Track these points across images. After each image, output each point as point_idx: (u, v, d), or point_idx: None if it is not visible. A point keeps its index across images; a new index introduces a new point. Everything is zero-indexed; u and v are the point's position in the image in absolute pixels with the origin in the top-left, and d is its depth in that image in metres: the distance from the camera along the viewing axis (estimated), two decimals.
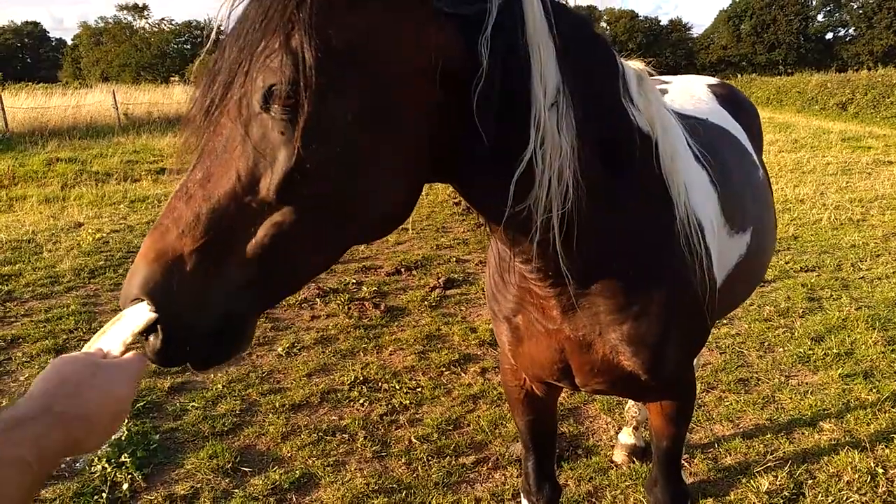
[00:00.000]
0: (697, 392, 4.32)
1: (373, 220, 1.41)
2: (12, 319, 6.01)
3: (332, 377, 4.87)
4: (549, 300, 1.95)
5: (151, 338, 1.25)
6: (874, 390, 4.42)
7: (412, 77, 1.33)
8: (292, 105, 1.21)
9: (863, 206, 9.75)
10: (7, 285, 6.90)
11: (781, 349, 5.12)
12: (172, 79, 61.69)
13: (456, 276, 7.07)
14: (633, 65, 1.88)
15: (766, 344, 5.22)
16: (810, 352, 5.02)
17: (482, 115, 1.41)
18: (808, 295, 6.20)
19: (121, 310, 1.25)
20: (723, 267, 2.30)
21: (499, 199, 1.53)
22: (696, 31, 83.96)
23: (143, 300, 1.21)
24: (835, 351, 5.01)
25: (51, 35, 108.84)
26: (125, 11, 76.42)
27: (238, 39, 1.26)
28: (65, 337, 5.57)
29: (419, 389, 4.66)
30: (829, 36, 76.45)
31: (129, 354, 1.19)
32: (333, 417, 4.32)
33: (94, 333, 4.93)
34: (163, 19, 79.40)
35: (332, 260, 1.44)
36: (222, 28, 1.34)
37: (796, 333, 5.37)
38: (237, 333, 1.31)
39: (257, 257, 1.26)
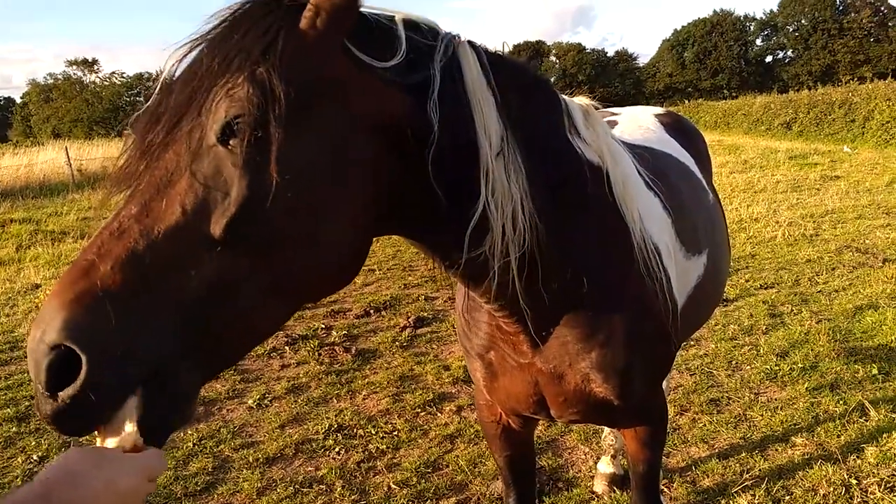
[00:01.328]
0: (671, 415, 4.37)
1: (319, 269, 1.38)
2: None
3: (305, 427, 4.79)
4: (517, 335, 1.98)
5: (65, 391, 1.10)
6: (841, 402, 4.52)
7: (367, 130, 1.39)
8: (254, 138, 1.22)
9: (814, 222, 10.07)
10: None
11: (749, 367, 5.21)
12: (126, 132, 61.11)
13: (426, 314, 7.06)
14: (579, 100, 1.96)
15: (733, 363, 5.31)
16: (777, 368, 5.12)
17: (436, 172, 1.48)
18: (770, 311, 6.35)
19: (28, 356, 1.12)
20: (682, 289, 2.36)
21: (454, 248, 1.59)
22: (642, 60, 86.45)
23: (65, 347, 1.08)
24: (800, 365, 5.12)
25: None
26: (75, 67, 75.76)
27: (189, 82, 1.27)
28: (27, 404, 5.38)
29: (395, 433, 4.61)
30: (769, 59, 79.54)
31: (147, 451, 1.10)
32: (309, 468, 4.24)
33: None
34: (113, 73, 78.62)
35: (277, 318, 1.37)
36: (167, 78, 1.35)
37: (762, 350, 5.48)
38: (174, 395, 1.19)
39: (197, 302, 1.19)
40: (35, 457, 4.51)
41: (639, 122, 3.20)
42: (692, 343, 5.64)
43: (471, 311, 2.14)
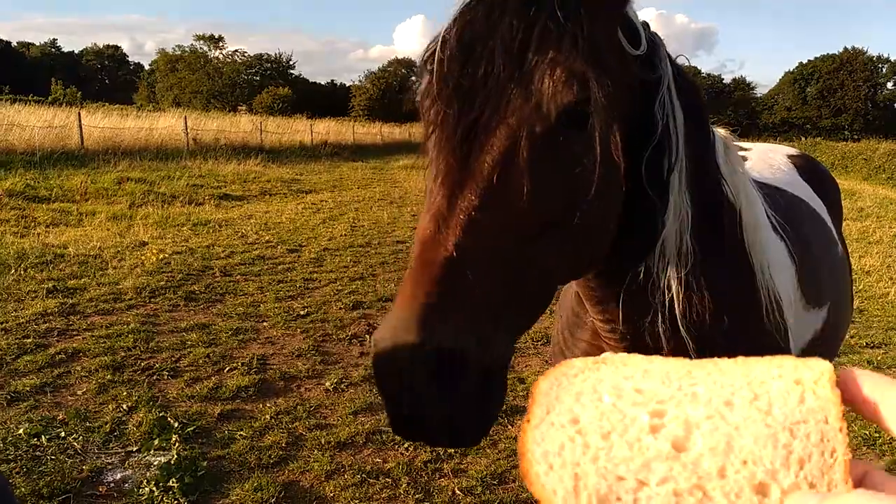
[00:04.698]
0: None
1: (601, 252, 1.39)
2: (74, 333, 6.20)
3: (377, 417, 4.84)
4: None
5: (457, 390, 1.05)
6: None
7: (625, 120, 1.34)
8: (582, 126, 1.20)
9: None
10: (72, 298, 7.15)
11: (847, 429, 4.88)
12: (240, 108, 63.96)
13: None
14: (719, 132, 1.86)
15: None
16: (876, 434, 4.78)
17: (650, 173, 1.42)
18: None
19: (385, 363, 1.03)
20: (796, 341, 2.22)
21: (627, 259, 1.55)
22: (760, 91, 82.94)
23: (438, 349, 1.02)
24: None
25: (130, 59, 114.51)
26: (202, 41, 79.84)
27: (508, 54, 1.18)
28: (123, 354, 5.70)
29: None
30: None
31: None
32: (377, 459, 4.29)
33: (152, 353, 5.02)
34: (236, 51, 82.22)
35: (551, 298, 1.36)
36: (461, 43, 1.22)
37: None
38: (505, 383, 1.17)
39: (528, 287, 1.19)
40: (125, 406, 4.76)
41: (770, 162, 3.04)
42: None
43: (573, 329, 2.08)
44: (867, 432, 4.81)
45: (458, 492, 3.95)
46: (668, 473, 0.60)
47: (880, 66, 74.00)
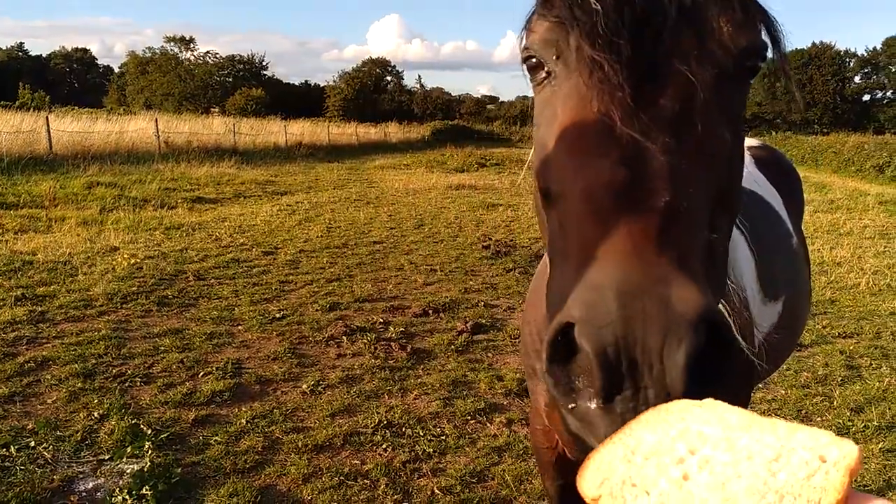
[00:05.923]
0: None
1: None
2: (44, 341, 6.06)
3: (355, 419, 4.81)
4: None
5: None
6: None
7: None
8: (751, 76, 1.20)
9: None
10: (41, 306, 6.99)
11: (819, 419, 4.95)
12: (213, 110, 63.27)
13: (484, 321, 7.00)
14: None
15: (803, 412, 5.05)
16: (850, 423, 4.85)
17: None
18: (847, 362, 6.02)
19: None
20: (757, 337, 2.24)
21: None
22: None
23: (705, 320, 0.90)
24: (875, 423, 4.83)
25: (99, 62, 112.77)
26: (172, 43, 78.85)
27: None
28: (94, 362, 5.59)
29: (443, 437, 4.57)
30: (867, 98, 76.18)
31: None
32: (356, 461, 4.25)
33: (123, 359, 4.89)
34: (208, 52, 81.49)
35: None
36: None
37: (835, 403, 5.20)
38: None
39: (723, 258, 1.11)
40: (96, 414, 4.67)
41: None
42: (760, 386, 5.39)
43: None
44: (840, 421, 4.87)
45: (437, 491, 3.93)
46: (666, 492, 0.72)
47: (848, 60, 75.36)
